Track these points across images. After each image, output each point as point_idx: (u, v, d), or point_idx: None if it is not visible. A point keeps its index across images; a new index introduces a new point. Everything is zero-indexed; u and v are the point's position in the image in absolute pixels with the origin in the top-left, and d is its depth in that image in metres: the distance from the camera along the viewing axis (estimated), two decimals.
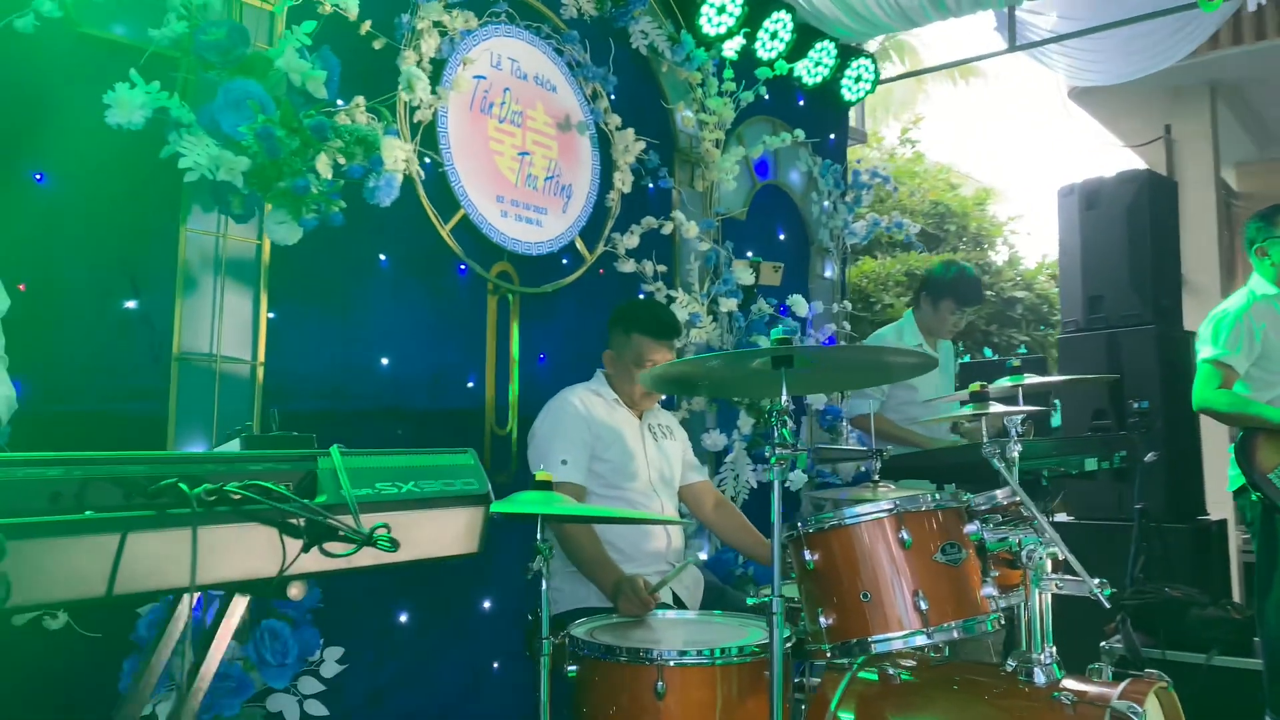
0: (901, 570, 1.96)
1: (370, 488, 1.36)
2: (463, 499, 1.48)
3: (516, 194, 3.23)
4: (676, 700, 2.05)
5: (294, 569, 1.25)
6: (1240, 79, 6.71)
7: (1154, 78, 6.59)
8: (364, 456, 1.40)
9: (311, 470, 1.32)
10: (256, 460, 1.28)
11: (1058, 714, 1.97)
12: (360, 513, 1.33)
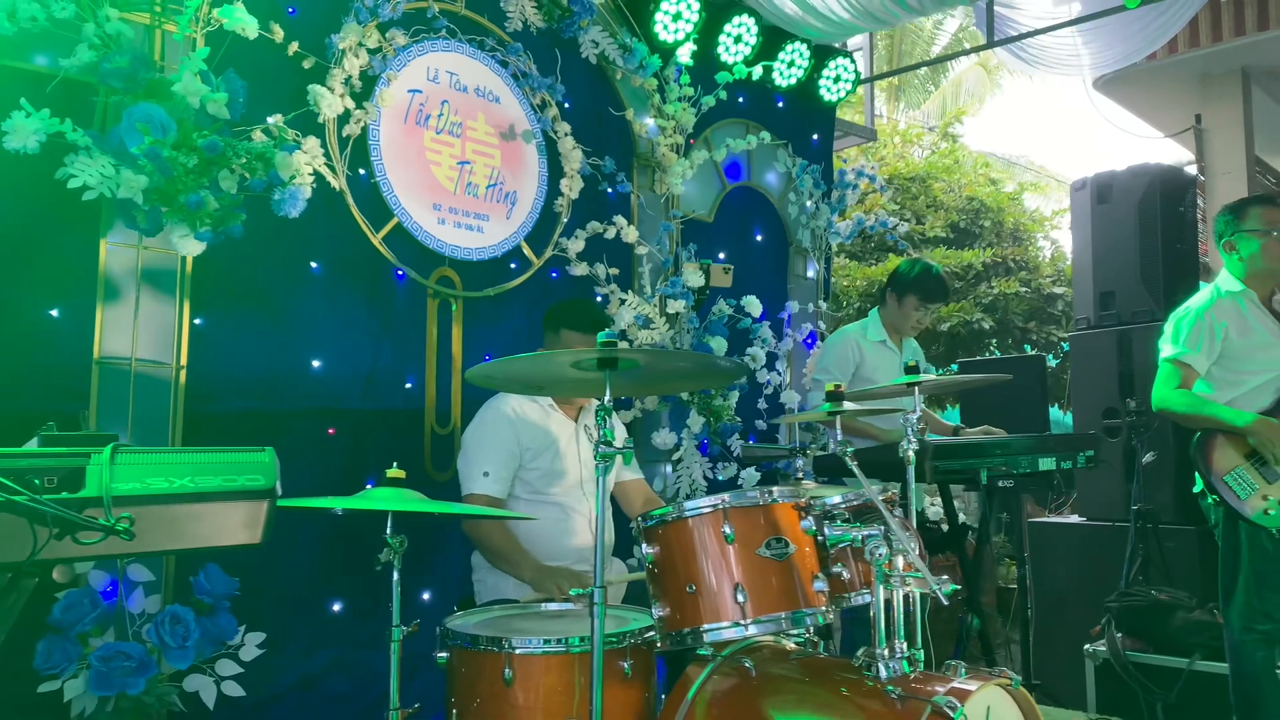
0: (723, 564, 2.02)
1: (139, 483, 1.49)
2: (244, 494, 1.60)
3: (455, 202, 3.36)
4: (524, 687, 2.14)
5: (50, 554, 1.39)
6: (1277, 64, 6.42)
7: (1182, 66, 6.40)
8: (147, 454, 1.53)
9: (82, 466, 1.46)
10: (27, 456, 1.43)
11: (885, 706, 1.99)
12: (130, 506, 1.46)
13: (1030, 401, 5.31)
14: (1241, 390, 3.27)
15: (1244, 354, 3.28)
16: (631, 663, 2.19)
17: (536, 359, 2.04)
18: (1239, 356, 3.29)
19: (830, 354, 3.98)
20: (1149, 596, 4.25)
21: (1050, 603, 5.23)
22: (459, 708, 2.24)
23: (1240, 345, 3.29)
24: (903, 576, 2.11)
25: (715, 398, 3.80)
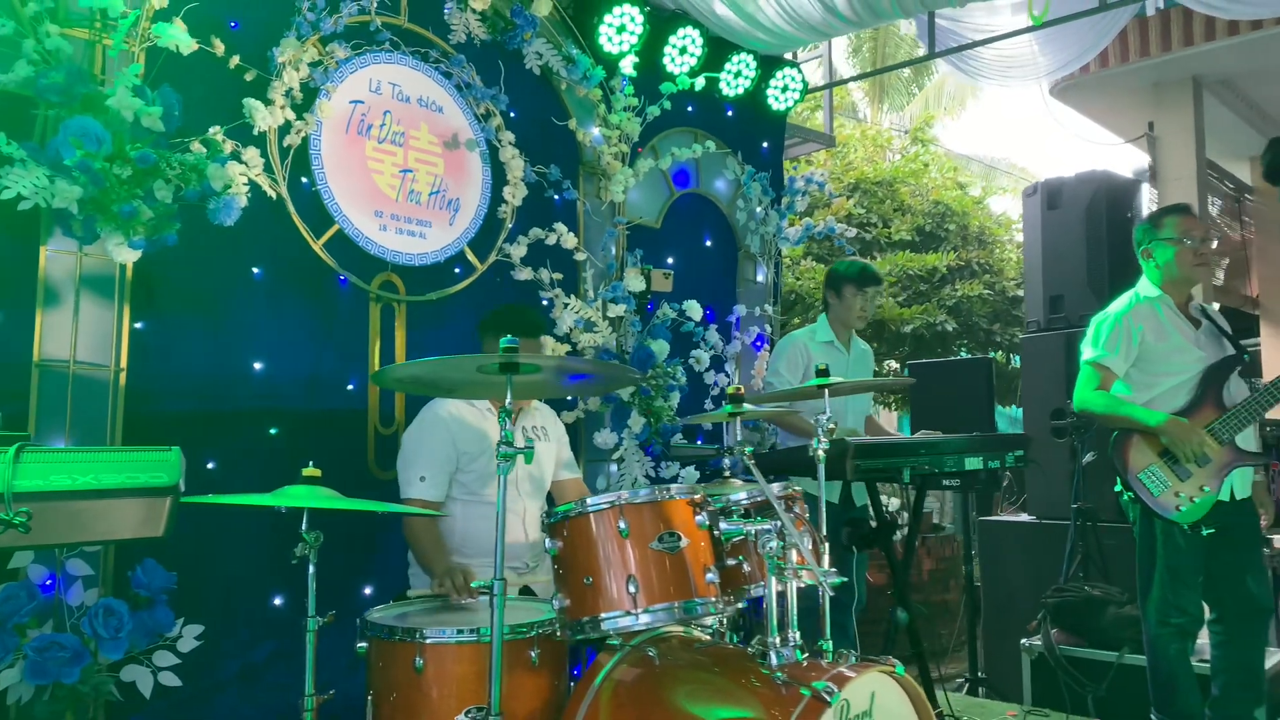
0: (616, 557, 2.13)
1: (42, 480, 1.60)
2: (146, 490, 1.71)
3: (398, 209, 3.47)
4: (434, 674, 2.25)
5: None
6: (1229, 73, 6.55)
7: (1135, 74, 6.52)
8: (53, 453, 1.64)
9: None
10: None
11: (771, 691, 2.10)
12: (32, 502, 1.57)
13: (977, 402, 5.43)
14: (1157, 391, 3.38)
15: (1159, 357, 3.39)
16: (539, 651, 2.30)
17: (442, 362, 2.15)
18: (1155, 359, 3.40)
19: (781, 358, 4.09)
20: (1082, 592, 4.37)
21: (1000, 599, 5.36)
22: (376, 695, 2.35)
23: (1156, 349, 3.40)
24: (795, 569, 2.23)
25: (656, 399, 3.91)
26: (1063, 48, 4.54)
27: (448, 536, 3.02)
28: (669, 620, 2.17)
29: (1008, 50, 4.53)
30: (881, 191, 8.25)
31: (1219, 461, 3.26)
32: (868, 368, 4.34)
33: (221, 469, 3.02)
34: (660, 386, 3.94)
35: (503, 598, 2.07)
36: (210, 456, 3.00)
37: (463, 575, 2.67)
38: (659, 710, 2.24)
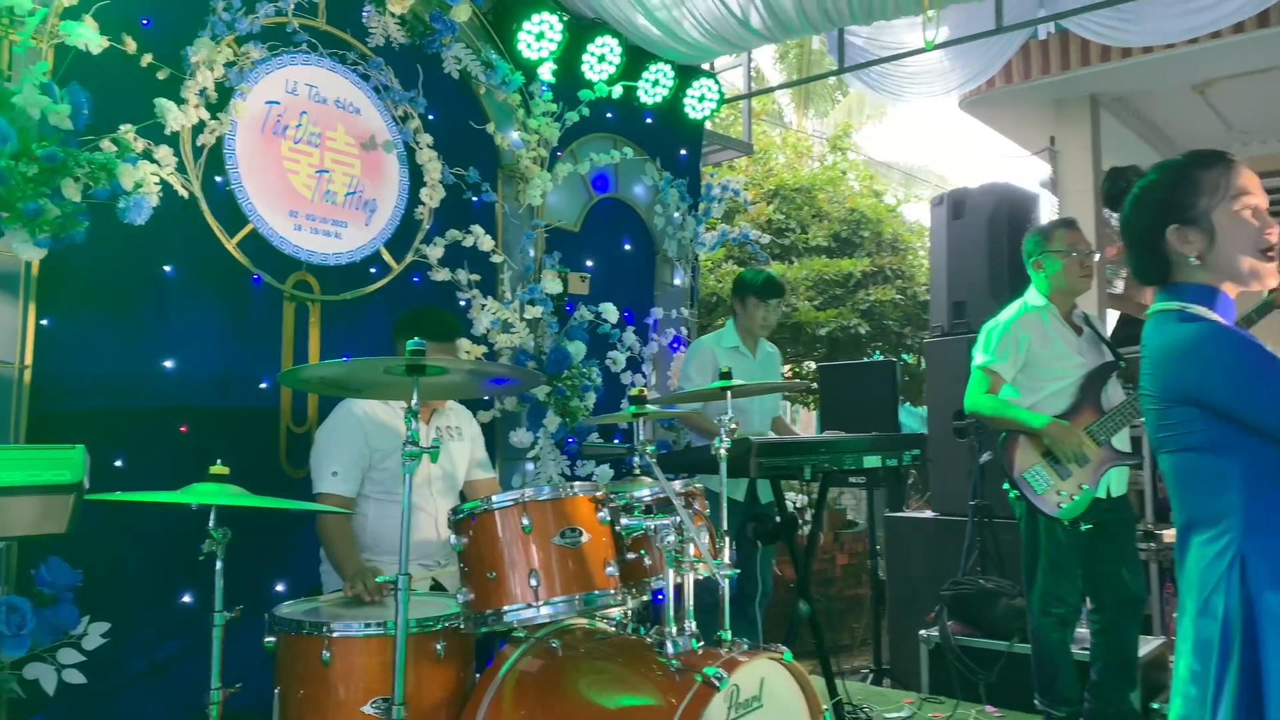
0: (519, 552, 2.22)
1: None
2: (49, 488, 1.74)
3: (313, 209, 3.50)
4: (341, 667, 2.32)
5: None
6: (1124, 91, 6.91)
7: (1037, 91, 6.83)
8: None
9: None
10: None
11: (666, 678, 2.22)
12: None
13: (882, 403, 5.64)
14: (1041, 395, 3.58)
15: (1045, 363, 3.59)
16: (445, 644, 2.38)
17: (350, 364, 2.21)
18: (1040, 365, 3.60)
19: (690, 362, 4.22)
20: (977, 585, 4.59)
21: (903, 592, 5.58)
22: (284, 689, 2.41)
23: (1042, 355, 3.59)
24: (691, 562, 2.35)
25: (572, 399, 4.00)
26: (968, 64, 4.75)
27: (360, 534, 3.06)
28: (570, 612, 2.27)
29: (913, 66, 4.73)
30: (800, 198, 8.48)
31: (1097, 461, 3.47)
32: (774, 370, 4.50)
33: (129, 466, 3.01)
34: (576, 387, 4.03)
35: (406, 593, 2.14)
36: (117, 454, 3.00)
37: (372, 577, 2.73)
38: (560, 699, 2.34)
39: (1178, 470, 1.69)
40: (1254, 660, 1.53)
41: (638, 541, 2.43)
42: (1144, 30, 4.45)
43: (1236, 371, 1.60)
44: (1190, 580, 1.65)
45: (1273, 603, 1.54)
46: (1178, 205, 1.73)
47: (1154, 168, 1.81)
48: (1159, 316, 1.74)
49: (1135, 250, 1.81)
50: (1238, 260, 1.70)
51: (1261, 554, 1.57)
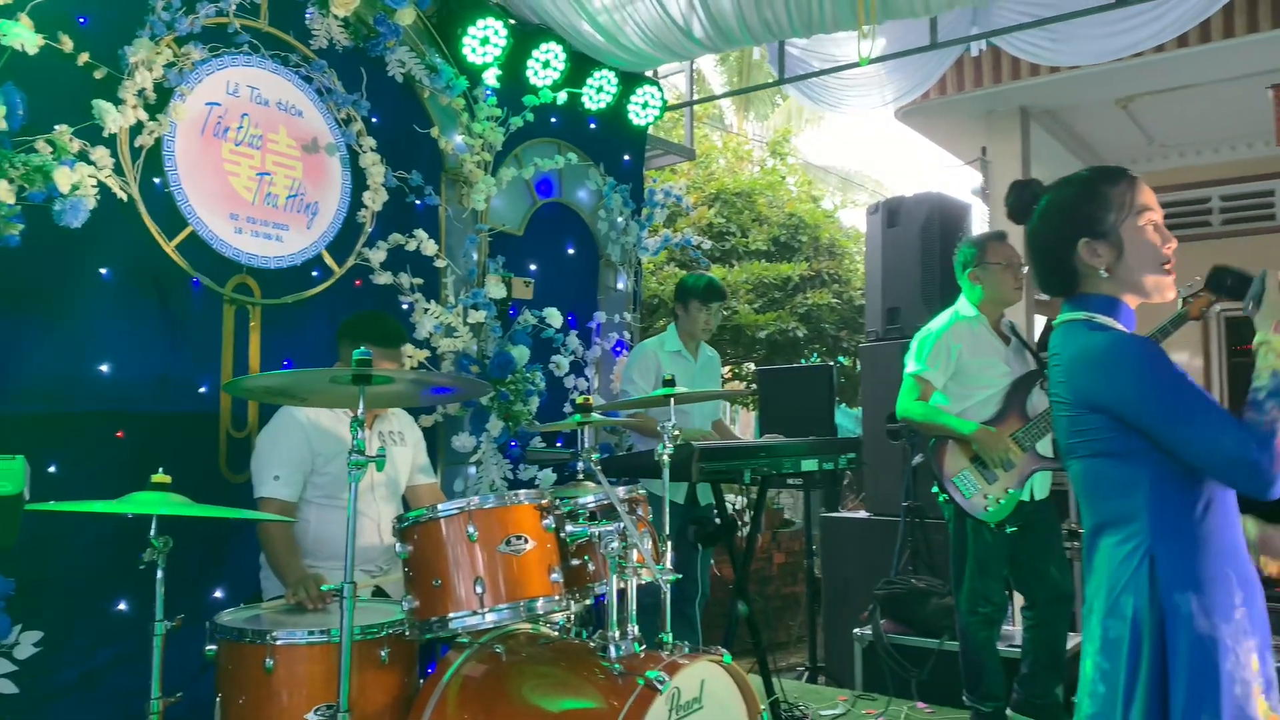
0: (465, 559, 2.25)
1: None
2: None
3: (254, 212, 3.47)
4: (285, 675, 2.32)
5: None
6: (1053, 105, 7.14)
7: (970, 102, 7.02)
8: None
9: None
10: None
11: (609, 681, 2.27)
12: None
13: (819, 406, 5.76)
14: (970, 403, 3.71)
15: (974, 372, 3.72)
16: (389, 650, 2.40)
17: (296, 374, 2.21)
18: (970, 374, 3.72)
19: (633, 366, 4.27)
20: (909, 584, 4.73)
21: (838, 591, 5.71)
22: (225, 698, 2.40)
23: (971, 364, 3.72)
24: (634, 567, 2.40)
25: (515, 403, 4.03)
26: (904, 77, 4.89)
27: (301, 539, 3.05)
28: (514, 618, 2.30)
29: (851, 78, 4.84)
30: (741, 202, 8.60)
31: (1022, 466, 3.61)
32: (715, 374, 4.58)
33: (64, 472, 2.96)
34: (519, 391, 4.06)
35: (352, 600, 2.15)
36: (52, 460, 2.94)
37: (315, 584, 2.72)
38: (504, 704, 2.37)
39: (1087, 475, 1.75)
40: (1162, 659, 1.59)
41: (582, 548, 2.48)
42: (1070, 51, 4.63)
43: (1143, 383, 1.65)
44: (1099, 581, 1.70)
45: (1180, 603, 1.59)
46: (1088, 219, 1.77)
47: (1060, 182, 1.86)
48: (1068, 325, 1.79)
49: (1044, 261, 1.85)
50: (1142, 274, 1.76)
51: (1170, 555, 1.62)
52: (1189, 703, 1.56)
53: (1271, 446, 1.56)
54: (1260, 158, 7.88)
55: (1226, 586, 1.62)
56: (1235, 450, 1.57)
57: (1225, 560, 1.64)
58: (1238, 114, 7.13)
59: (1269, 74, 6.30)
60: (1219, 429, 1.58)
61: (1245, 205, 8.24)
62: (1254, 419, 1.59)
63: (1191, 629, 1.58)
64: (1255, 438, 1.57)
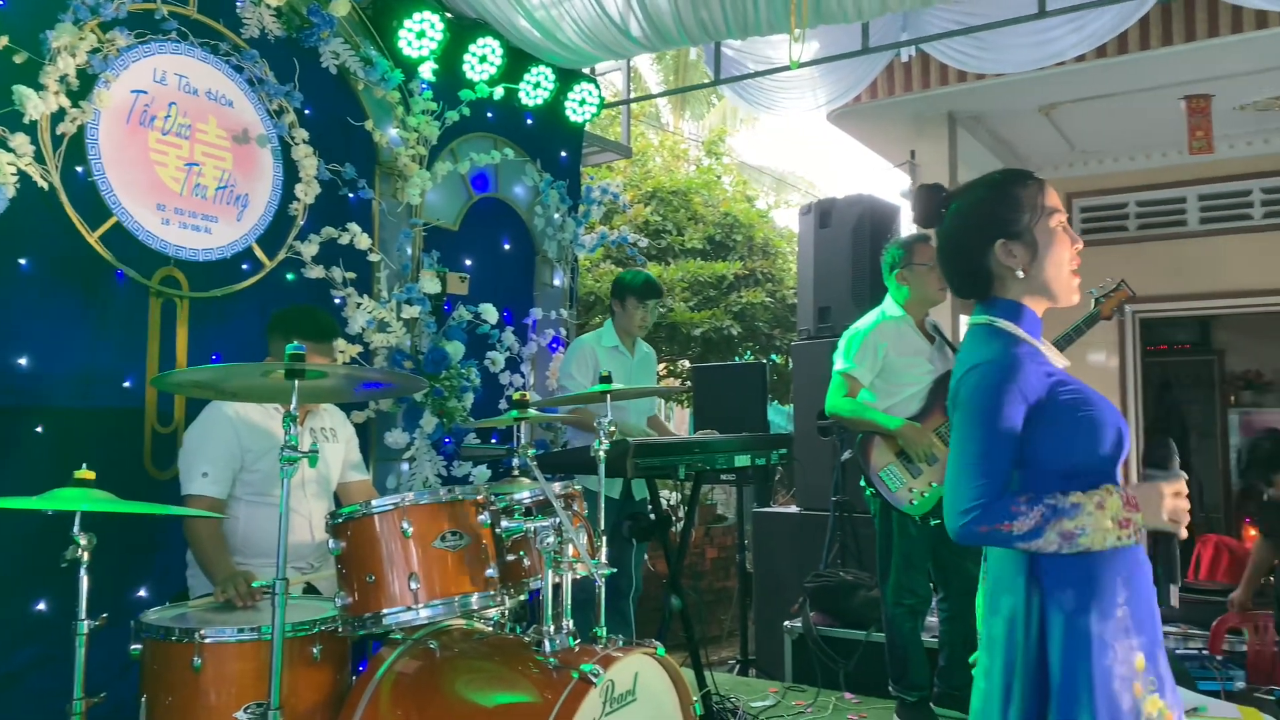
0: (399, 555, 2.25)
1: None
2: None
3: (182, 203, 3.40)
4: (213, 673, 2.29)
5: None
6: (979, 111, 7.33)
7: (899, 107, 7.18)
8: None
9: None
10: None
11: (544, 675, 2.28)
12: None
13: (752, 403, 5.85)
14: (896, 399, 3.81)
15: (899, 369, 3.82)
16: (322, 648, 2.38)
17: (227, 368, 2.18)
18: (895, 371, 3.82)
19: (571, 361, 4.29)
20: (837, 577, 4.83)
21: (769, 585, 5.80)
22: (151, 698, 2.36)
23: (897, 362, 3.82)
24: (570, 562, 2.42)
25: (449, 399, 4.01)
26: (837, 80, 4.98)
27: (230, 537, 3.01)
28: (449, 614, 2.31)
29: (785, 81, 4.92)
30: (676, 201, 8.66)
31: (945, 460, 3.72)
32: (651, 370, 4.62)
33: None
34: (454, 387, 4.04)
35: (284, 596, 2.14)
36: None
37: (245, 582, 2.69)
38: (438, 699, 2.37)
39: None
40: (1042, 655, 1.64)
41: (517, 543, 2.49)
42: (995, 59, 4.77)
43: (970, 404, 1.71)
44: (988, 578, 1.77)
45: (1061, 600, 1.64)
46: (1003, 221, 1.78)
47: (968, 186, 1.88)
48: (972, 330, 1.83)
49: (957, 264, 1.86)
50: (1056, 273, 1.79)
51: (1051, 555, 1.65)
52: (1065, 698, 1.60)
53: (996, 524, 1.62)
54: (1174, 165, 8.21)
55: (1108, 585, 1.64)
56: (965, 495, 1.65)
57: (1107, 560, 1.66)
58: (1153, 123, 7.41)
59: (1182, 85, 6.56)
60: (973, 471, 1.65)
61: (1159, 211, 8.58)
62: (1023, 500, 1.62)
63: (1070, 626, 1.62)
64: (989, 501, 1.63)
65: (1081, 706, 1.59)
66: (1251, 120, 7.37)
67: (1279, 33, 5.40)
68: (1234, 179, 8.15)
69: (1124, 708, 1.60)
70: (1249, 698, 3.71)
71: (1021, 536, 1.62)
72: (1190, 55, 5.82)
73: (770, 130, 29.40)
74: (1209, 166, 7.92)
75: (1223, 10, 5.48)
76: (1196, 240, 8.34)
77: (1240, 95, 6.80)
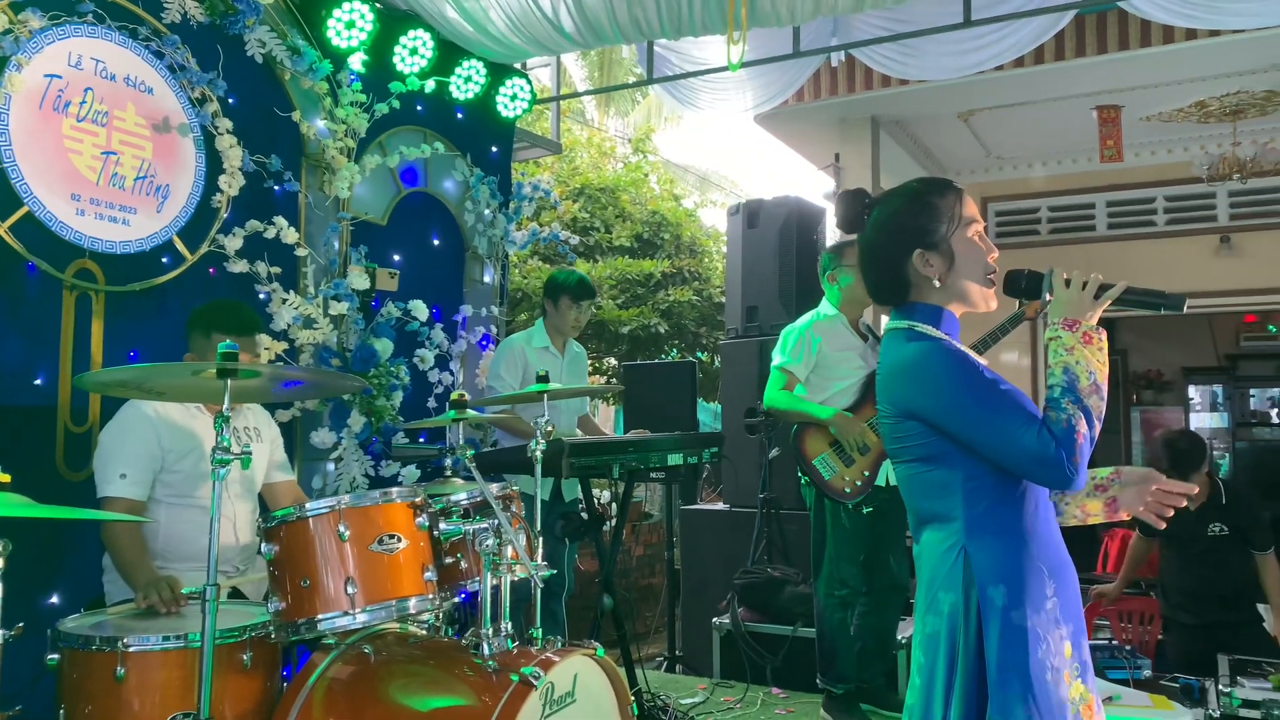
0: (335, 559, 2.20)
1: None
2: None
3: (98, 193, 3.27)
4: (137, 683, 2.20)
5: None
6: (901, 116, 7.51)
7: (824, 110, 7.30)
8: None
9: None
10: None
11: (483, 679, 2.26)
12: None
13: (682, 402, 5.89)
14: (829, 393, 3.89)
15: (833, 365, 3.91)
16: (252, 654, 2.31)
17: (153, 367, 2.10)
18: (829, 366, 3.91)
19: (500, 362, 4.25)
20: (765, 574, 4.89)
21: (696, 581, 5.84)
22: (69, 709, 2.26)
23: (831, 358, 3.91)
24: (509, 564, 2.40)
25: (378, 397, 3.94)
26: (768, 83, 5.04)
27: (150, 540, 2.90)
28: (386, 618, 2.27)
29: (717, 81, 4.96)
30: (605, 198, 8.65)
31: (876, 451, 3.80)
32: (582, 369, 4.61)
33: None
34: (383, 386, 3.97)
35: (215, 603, 2.07)
36: None
37: (168, 586, 2.59)
38: (374, 705, 2.33)
39: (908, 479, 1.82)
40: (979, 651, 1.67)
41: (455, 545, 2.46)
42: (920, 65, 4.89)
43: (948, 389, 1.71)
44: (922, 578, 1.79)
45: (994, 596, 1.67)
46: (921, 231, 1.80)
47: (889, 194, 1.90)
48: (890, 334, 1.85)
49: (877, 271, 1.88)
50: (971, 283, 1.82)
51: (982, 551, 1.69)
52: (1003, 691, 1.64)
53: (1072, 441, 1.63)
54: (1085, 172, 8.54)
55: (1038, 578, 1.69)
56: (1036, 448, 1.63)
57: (1037, 553, 1.70)
58: (1066, 131, 7.70)
59: (1094, 96, 6.83)
60: (1020, 429, 1.65)
61: (1070, 216, 8.92)
62: (1053, 416, 1.66)
63: (1004, 620, 1.66)
64: (1055, 435, 1.63)
65: (1018, 699, 1.63)
66: (1157, 130, 7.72)
67: (1184, 48, 5.67)
68: (1140, 186, 8.53)
69: (1056, 697, 1.65)
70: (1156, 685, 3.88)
71: (1090, 428, 1.66)
72: (1102, 67, 6.06)
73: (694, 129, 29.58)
74: (1117, 174, 8.27)
75: (1133, 25, 5.72)
76: (1104, 245, 8.70)
77: (1147, 106, 7.11)
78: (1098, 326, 1.75)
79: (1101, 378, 1.69)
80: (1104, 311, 1.78)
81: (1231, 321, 11.17)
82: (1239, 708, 3.57)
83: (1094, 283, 1.76)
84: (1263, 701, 3.52)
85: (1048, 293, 1.80)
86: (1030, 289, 1.84)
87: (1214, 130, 7.63)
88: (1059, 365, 1.71)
